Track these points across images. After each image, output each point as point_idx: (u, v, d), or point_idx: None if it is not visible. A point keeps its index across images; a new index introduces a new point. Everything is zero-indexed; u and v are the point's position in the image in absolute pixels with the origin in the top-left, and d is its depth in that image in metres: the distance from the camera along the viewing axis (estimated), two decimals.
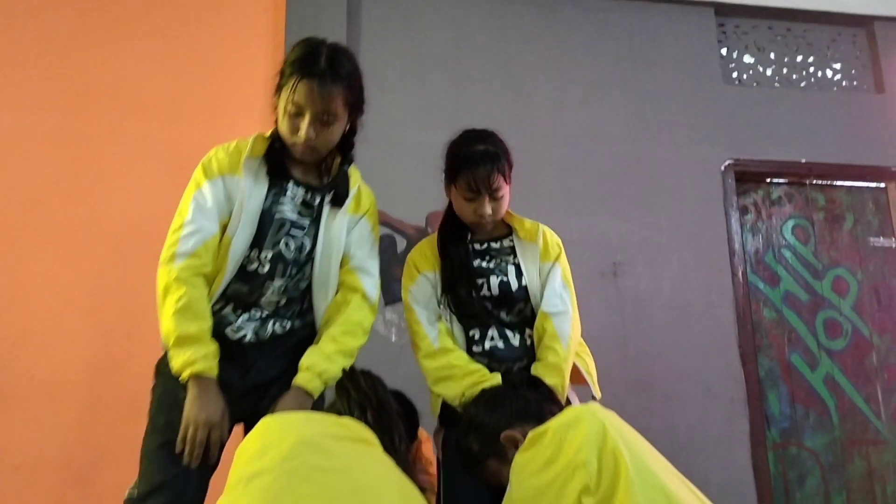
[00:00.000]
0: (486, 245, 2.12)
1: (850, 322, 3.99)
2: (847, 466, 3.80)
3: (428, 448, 2.42)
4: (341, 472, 1.19)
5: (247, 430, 1.74)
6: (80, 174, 3.42)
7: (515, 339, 2.03)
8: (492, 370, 1.96)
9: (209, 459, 1.66)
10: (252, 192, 1.76)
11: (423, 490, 1.34)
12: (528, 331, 2.03)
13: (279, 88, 1.79)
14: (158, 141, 3.51)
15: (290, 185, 1.84)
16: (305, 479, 1.16)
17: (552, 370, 1.93)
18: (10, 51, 3.50)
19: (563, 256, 2.12)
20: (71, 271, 3.32)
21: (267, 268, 1.77)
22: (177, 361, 1.65)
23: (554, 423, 1.37)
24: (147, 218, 3.39)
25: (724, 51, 4.26)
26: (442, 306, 2.07)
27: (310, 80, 1.71)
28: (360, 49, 3.83)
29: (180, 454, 1.63)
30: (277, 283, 1.78)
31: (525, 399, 1.61)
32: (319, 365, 1.71)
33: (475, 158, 1.99)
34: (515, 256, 2.08)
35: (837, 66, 4.34)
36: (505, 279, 2.04)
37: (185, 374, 1.63)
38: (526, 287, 2.03)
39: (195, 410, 1.62)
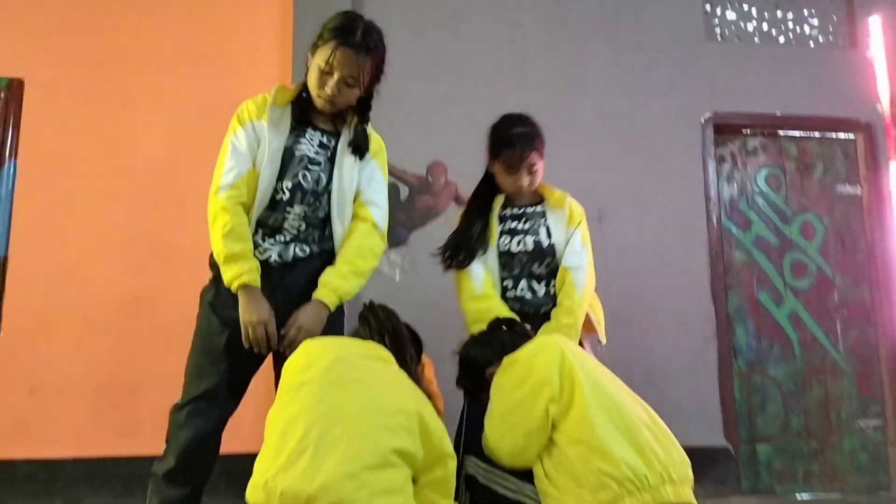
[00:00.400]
0: (522, 210, 2.55)
1: (816, 263, 4.36)
2: (806, 393, 4.21)
3: (430, 371, 2.79)
4: (368, 381, 1.56)
5: (275, 360, 2.11)
6: (110, 124, 3.72)
7: (541, 290, 2.44)
8: (523, 313, 2.37)
9: (272, 348, 2.02)
10: (274, 134, 2.10)
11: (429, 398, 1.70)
12: (552, 282, 2.45)
13: (315, 48, 2.10)
14: (179, 93, 3.79)
15: (310, 129, 2.18)
16: (341, 386, 1.52)
17: (567, 312, 2.35)
18: (46, 9, 3.76)
19: (585, 222, 2.57)
20: (105, 215, 3.66)
21: (287, 196, 2.08)
22: (227, 275, 2.00)
23: (523, 352, 1.75)
24: (171, 165, 3.71)
25: (707, 7, 4.51)
26: (491, 259, 2.45)
27: (345, 48, 2.03)
28: (365, 5, 4.07)
29: (216, 367, 2.02)
30: (297, 209, 2.09)
31: (501, 340, 1.97)
32: (335, 282, 2.06)
33: (515, 139, 2.43)
34: (546, 220, 2.52)
35: (815, 21, 4.60)
36: (537, 238, 2.47)
37: (234, 286, 1.99)
38: (554, 245, 2.46)
39: (247, 314, 1.98)
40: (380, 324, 1.81)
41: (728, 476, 3.97)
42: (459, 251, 2.44)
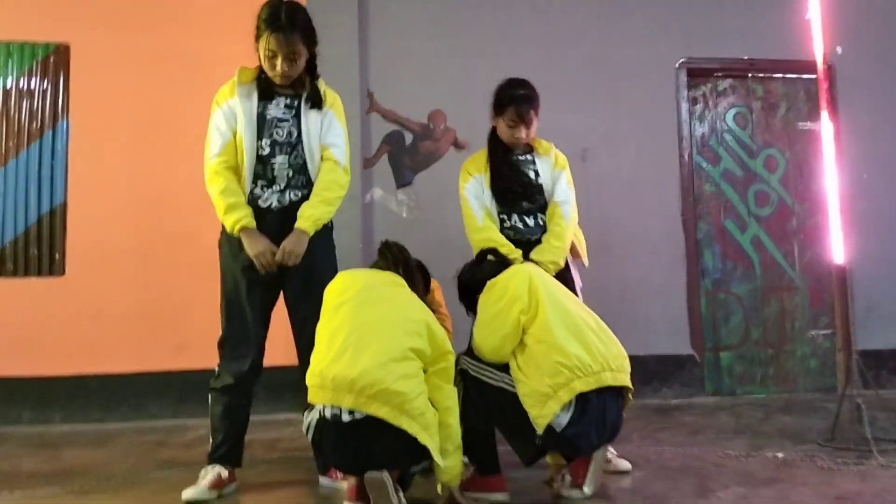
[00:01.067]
0: (516, 157, 3.06)
1: (777, 193, 4.89)
2: (765, 308, 4.81)
3: (440, 295, 3.36)
4: (389, 300, 2.15)
5: (285, 293, 2.65)
6: (147, 83, 4.25)
7: (531, 221, 2.96)
8: (516, 241, 2.89)
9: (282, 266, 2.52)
10: (246, 104, 2.61)
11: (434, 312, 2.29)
12: (540, 215, 2.96)
13: (257, 39, 2.58)
14: (205, 54, 4.27)
15: (275, 97, 2.66)
16: (370, 305, 2.11)
17: (557, 237, 2.89)
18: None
19: (568, 168, 3.09)
20: (148, 162, 4.21)
21: (268, 150, 2.59)
22: (228, 222, 2.53)
23: (501, 276, 2.34)
24: (201, 117, 4.18)
25: None
26: (488, 199, 2.98)
27: (277, 33, 2.52)
28: None
29: (241, 307, 2.56)
30: (279, 159, 2.61)
31: (483, 269, 2.52)
32: (307, 212, 2.57)
33: (519, 99, 2.91)
34: (535, 165, 3.03)
35: None
36: (528, 179, 3.00)
37: (236, 229, 2.51)
38: (542, 184, 2.98)
39: (252, 248, 2.50)
40: (394, 257, 2.38)
41: (693, 380, 4.61)
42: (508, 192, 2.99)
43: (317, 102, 2.68)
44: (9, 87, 4.16)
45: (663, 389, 4.54)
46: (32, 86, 4.16)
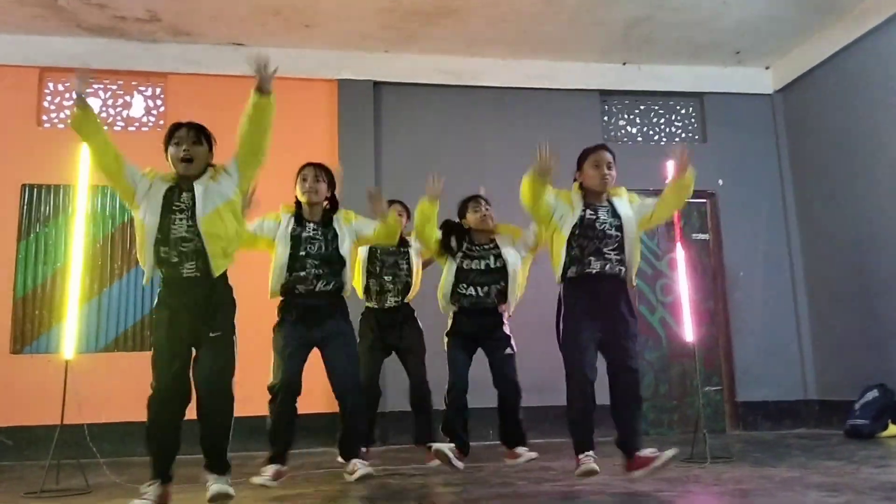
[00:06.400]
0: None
1: (677, 285, 6.67)
2: (669, 370, 6.55)
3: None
4: None
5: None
6: None
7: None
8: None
9: None
10: (286, 227, 4.17)
11: None
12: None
13: (297, 179, 4.23)
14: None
15: (307, 223, 4.11)
16: None
17: None
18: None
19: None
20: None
21: (305, 254, 3.96)
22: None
23: None
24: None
25: (605, 118, 6.80)
26: None
27: (308, 168, 4.20)
28: (382, 128, 6.36)
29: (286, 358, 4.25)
30: (311, 262, 4.04)
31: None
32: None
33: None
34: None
35: (679, 125, 6.90)
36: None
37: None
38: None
39: None
40: None
41: None
42: None
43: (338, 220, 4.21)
44: (125, 223, 5.95)
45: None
46: None
